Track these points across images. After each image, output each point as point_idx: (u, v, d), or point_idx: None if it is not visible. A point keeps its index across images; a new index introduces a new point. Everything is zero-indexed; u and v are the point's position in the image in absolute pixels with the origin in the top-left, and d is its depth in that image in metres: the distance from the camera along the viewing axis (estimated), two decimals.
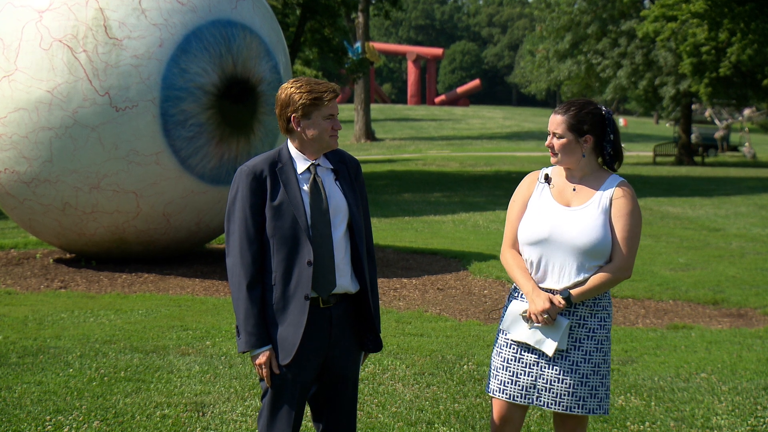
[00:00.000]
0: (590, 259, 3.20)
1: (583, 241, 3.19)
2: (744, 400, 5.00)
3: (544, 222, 3.25)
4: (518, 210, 3.36)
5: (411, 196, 18.67)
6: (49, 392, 4.89)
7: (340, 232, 3.13)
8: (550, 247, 3.23)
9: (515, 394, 3.29)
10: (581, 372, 3.22)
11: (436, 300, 7.97)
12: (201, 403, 4.73)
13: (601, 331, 3.25)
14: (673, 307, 7.91)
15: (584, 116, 3.25)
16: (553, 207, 3.28)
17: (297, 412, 3.13)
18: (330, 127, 3.13)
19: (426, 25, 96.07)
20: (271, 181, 3.08)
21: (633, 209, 3.24)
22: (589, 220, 3.21)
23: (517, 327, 3.28)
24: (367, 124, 39.37)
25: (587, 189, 3.28)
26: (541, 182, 3.36)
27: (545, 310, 3.18)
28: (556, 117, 3.30)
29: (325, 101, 3.09)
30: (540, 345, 3.22)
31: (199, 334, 6.33)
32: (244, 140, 8.73)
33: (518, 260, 3.33)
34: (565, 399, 3.23)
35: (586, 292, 3.20)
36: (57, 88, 8.11)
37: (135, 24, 8.24)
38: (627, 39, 31.95)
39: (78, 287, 8.29)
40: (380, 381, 5.23)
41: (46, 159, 8.25)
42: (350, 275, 3.16)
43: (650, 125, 58.81)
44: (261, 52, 8.87)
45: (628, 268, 3.23)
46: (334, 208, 3.12)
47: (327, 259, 3.08)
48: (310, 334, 3.08)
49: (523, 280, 3.27)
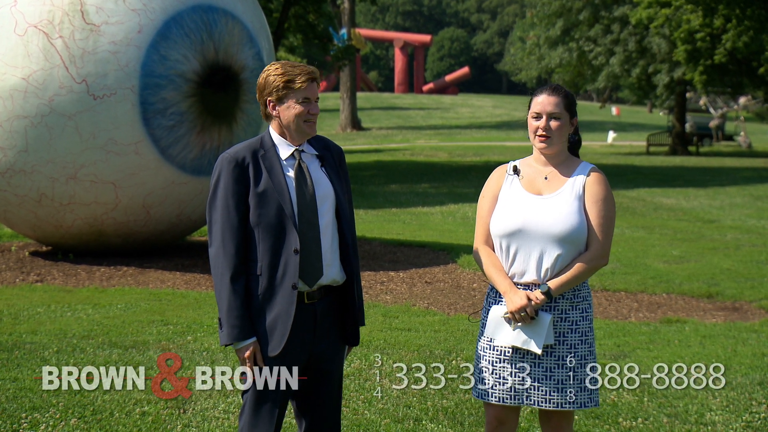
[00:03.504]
0: (567, 246, 3.17)
1: (559, 228, 3.16)
2: (738, 395, 4.95)
3: (517, 212, 3.21)
4: (489, 204, 3.30)
5: (398, 187, 18.61)
6: (25, 389, 4.82)
7: (327, 219, 3.08)
8: (525, 237, 3.19)
9: (504, 396, 3.23)
10: (568, 366, 3.19)
11: (423, 294, 7.90)
12: (182, 400, 4.65)
13: (584, 323, 3.23)
14: (666, 301, 7.86)
15: (570, 97, 3.25)
16: (525, 197, 3.24)
17: (280, 409, 3.08)
18: (306, 111, 3.04)
19: (413, 11, 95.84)
20: (254, 168, 3.02)
21: (607, 195, 3.22)
22: (564, 207, 3.18)
23: (501, 331, 3.22)
24: (353, 113, 39.23)
25: (559, 176, 3.25)
26: (510, 174, 3.31)
27: (523, 307, 3.14)
28: (550, 98, 3.22)
29: (298, 83, 3.02)
30: (527, 345, 3.19)
31: (180, 329, 6.25)
32: (226, 129, 8.64)
33: (492, 258, 3.26)
34: (555, 396, 3.18)
35: (566, 283, 3.16)
36: (32, 75, 7.98)
37: (113, 9, 8.11)
38: (620, 25, 31.82)
39: (55, 281, 8.19)
40: (366, 377, 5.19)
41: (21, 148, 8.12)
42: (338, 265, 3.10)
43: (644, 114, 58.92)
44: (243, 39, 8.77)
45: (605, 255, 3.21)
46: (320, 194, 3.08)
47: (314, 247, 3.04)
48: (296, 330, 3.02)
49: (499, 279, 3.21)
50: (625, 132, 40.60)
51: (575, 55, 33.23)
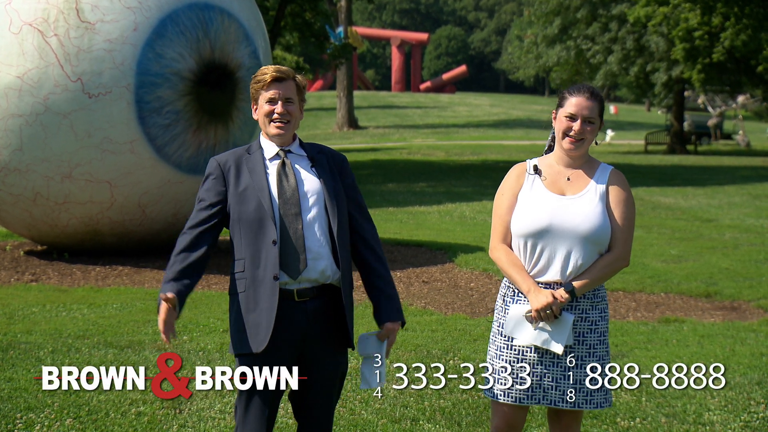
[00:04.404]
0: (591, 247, 3.19)
1: (587, 228, 3.17)
2: (737, 395, 4.93)
3: (543, 212, 3.20)
4: (508, 203, 3.27)
5: (395, 186, 18.59)
6: (20, 389, 4.81)
7: (313, 213, 3.08)
8: (551, 237, 3.18)
9: (521, 396, 3.23)
10: (588, 366, 3.20)
11: (421, 293, 7.87)
12: (178, 400, 4.63)
13: (602, 323, 3.25)
14: (664, 300, 7.84)
15: (603, 102, 3.28)
16: (549, 197, 3.23)
17: (271, 408, 3.06)
18: (271, 110, 3.08)
19: (410, 9, 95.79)
20: (235, 170, 3.09)
21: (628, 197, 3.25)
22: (590, 208, 3.19)
23: (521, 330, 3.21)
24: (350, 112, 39.19)
25: (582, 177, 3.26)
26: (530, 173, 3.27)
27: (549, 305, 3.13)
28: (589, 102, 3.21)
29: (263, 84, 3.08)
30: (548, 345, 3.18)
31: (175, 328, 6.16)
32: (222, 128, 8.63)
33: (512, 257, 3.24)
34: (573, 395, 3.19)
35: (589, 283, 3.18)
36: (27, 73, 7.95)
37: (108, 7, 8.09)
38: (618, 24, 31.78)
39: (50, 280, 8.16)
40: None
41: (15, 147, 8.10)
42: (329, 260, 3.08)
43: (642, 113, 58.94)
44: (239, 37, 8.76)
45: (627, 256, 3.24)
46: (305, 190, 3.08)
47: (295, 238, 3.04)
48: (283, 326, 3.01)
49: (521, 279, 3.20)
50: (623, 131, 40.61)
51: (573, 54, 33.20)
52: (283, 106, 3.08)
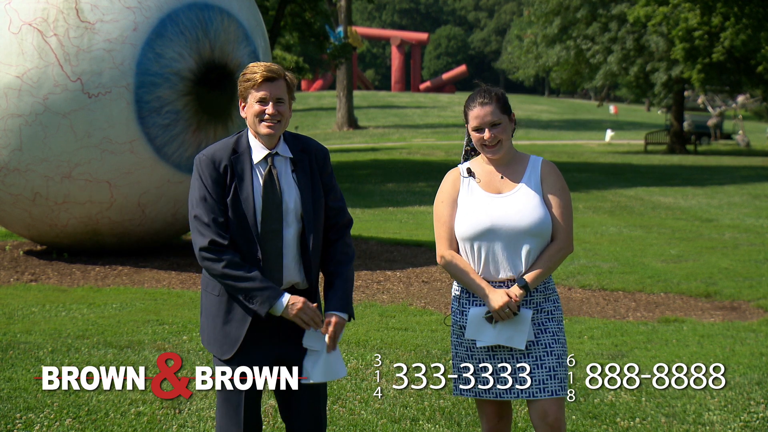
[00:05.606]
0: (535, 240, 3.25)
1: (528, 222, 3.23)
2: (737, 395, 4.92)
3: (483, 213, 3.26)
4: (449, 209, 3.32)
5: (395, 185, 18.60)
6: (20, 389, 4.80)
7: (293, 229, 3.05)
8: (494, 236, 3.24)
9: (500, 392, 3.28)
10: (556, 353, 3.26)
11: (420, 293, 7.87)
12: (178, 400, 4.62)
13: (557, 312, 3.32)
14: (664, 300, 7.83)
15: (502, 97, 3.31)
16: (487, 197, 3.29)
17: (248, 407, 3.08)
18: (261, 110, 3.02)
19: (410, 8, 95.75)
20: (229, 173, 3.01)
21: (563, 185, 3.32)
22: (526, 201, 3.25)
23: (483, 332, 3.27)
24: (350, 112, 39.21)
25: (515, 173, 3.32)
26: (465, 177, 3.33)
27: (506, 304, 3.20)
28: (484, 108, 3.27)
29: (253, 83, 3.01)
30: (511, 342, 3.24)
31: (175, 328, 6.24)
32: (221, 128, 8.63)
33: (462, 262, 3.29)
34: (549, 383, 3.23)
35: (540, 275, 3.25)
36: (27, 73, 7.95)
37: (108, 7, 8.08)
38: (617, 24, 31.79)
39: (49, 280, 8.16)
40: (363, 377, 5.16)
41: (15, 147, 8.09)
42: (302, 275, 3.09)
43: (641, 112, 58.95)
44: (239, 37, 8.75)
45: (571, 242, 3.32)
46: (287, 204, 3.06)
47: (275, 256, 3.04)
48: (258, 329, 3.03)
49: (475, 283, 3.26)
50: (622, 130, 40.63)
51: (573, 54, 33.19)
52: (274, 107, 3.02)
